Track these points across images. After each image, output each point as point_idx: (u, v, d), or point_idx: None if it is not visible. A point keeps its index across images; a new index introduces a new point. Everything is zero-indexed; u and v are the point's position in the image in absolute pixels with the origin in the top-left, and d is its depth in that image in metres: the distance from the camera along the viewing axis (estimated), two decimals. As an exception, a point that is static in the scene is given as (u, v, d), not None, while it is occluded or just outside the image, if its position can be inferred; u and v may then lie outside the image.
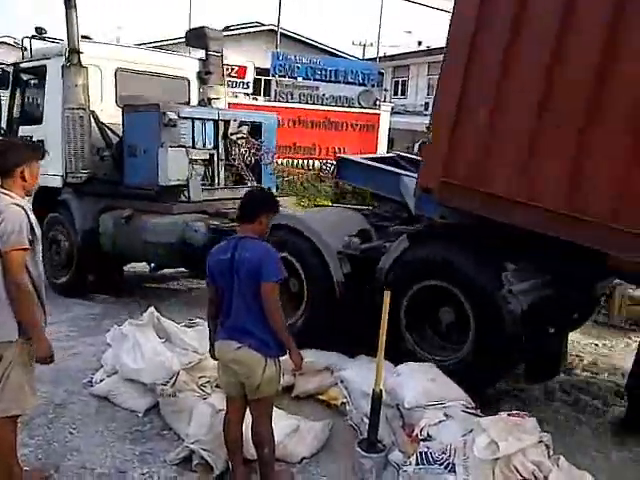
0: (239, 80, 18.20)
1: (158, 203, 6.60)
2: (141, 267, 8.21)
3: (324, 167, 12.15)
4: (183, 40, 8.68)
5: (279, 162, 11.67)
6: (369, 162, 5.94)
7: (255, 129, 7.41)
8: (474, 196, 4.12)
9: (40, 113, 7.40)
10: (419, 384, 3.69)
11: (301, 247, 5.18)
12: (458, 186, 4.20)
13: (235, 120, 7.16)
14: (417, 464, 3.17)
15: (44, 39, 7.40)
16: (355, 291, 4.97)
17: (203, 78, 7.91)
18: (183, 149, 6.46)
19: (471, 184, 4.13)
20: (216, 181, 6.94)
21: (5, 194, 3.02)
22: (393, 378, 3.89)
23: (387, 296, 3.51)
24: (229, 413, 3.49)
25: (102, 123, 6.94)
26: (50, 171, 6.77)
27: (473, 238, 4.41)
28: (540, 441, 3.04)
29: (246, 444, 3.53)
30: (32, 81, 7.66)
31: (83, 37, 6.88)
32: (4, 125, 7.84)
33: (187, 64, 8.02)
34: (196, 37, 8.08)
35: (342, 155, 7.00)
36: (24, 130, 7.52)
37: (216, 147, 6.91)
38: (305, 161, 16.13)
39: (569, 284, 4.25)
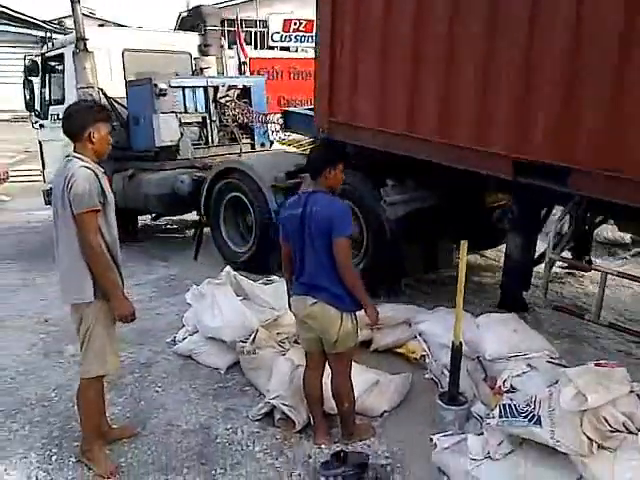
0: (308, 34, 17.89)
1: (155, 162, 7.66)
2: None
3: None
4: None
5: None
6: (305, 111, 6.74)
7: (245, 92, 8.39)
8: (351, 130, 5.30)
9: (62, 94, 8.50)
10: (500, 335, 3.56)
11: (248, 184, 6.53)
12: (340, 124, 5.39)
13: (223, 85, 8.15)
14: (500, 416, 3.05)
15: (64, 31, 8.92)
16: None
17: (203, 51, 9.06)
18: (173, 114, 7.55)
19: (347, 120, 5.31)
20: (210, 140, 8.01)
21: (78, 157, 3.06)
22: (473, 330, 3.76)
23: (464, 247, 3.36)
24: (308, 368, 3.50)
25: (111, 98, 7.86)
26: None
27: (363, 163, 5.43)
28: (631, 391, 2.85)
29: (327, 399, 3.54)
30: (56, 67, 8.71)
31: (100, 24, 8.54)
32: (38, 107, 9.12)
33: (188, 40, 9.10)
34: (195, 15, 9.43)
35: (285, 108, 7.89)
36: (52, 110, 8.74)
37: (207, 111, 7.93)
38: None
39: (449, 198, 5.11)
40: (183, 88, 7.70)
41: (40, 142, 9.42)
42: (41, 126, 9.14)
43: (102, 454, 3.37)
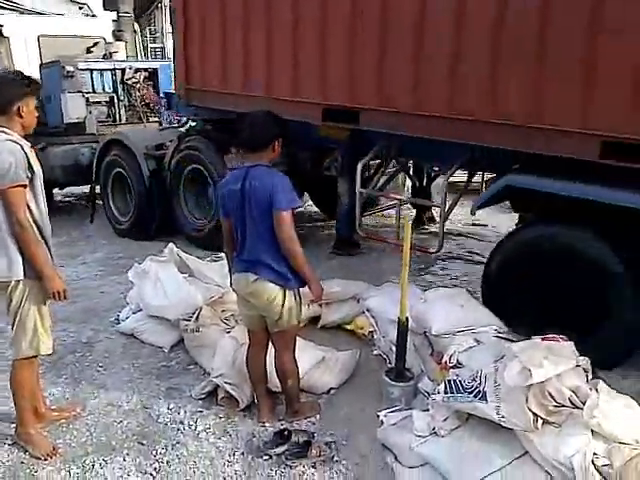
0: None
1: (65, 137, 8.33)
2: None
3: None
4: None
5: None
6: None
7: (152, 75, 8.95)
8: (202, 95, 6.27)
9: None
10: (447, 310, 3.52)
11: (125, 153, 7.28)
12: (194, 90, 6.33)
13: (130, 68, 8.69)
14: (446, 392, 3.02)
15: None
16: (159, 182, 7.05)
17: (117, 35, 10.11)
18: (80, 94, 8.27)
19: (199, 87, 6.25)
20: (117, 118, 8.67)
21: (2, 131, 2.88)
22: (420, 305, 3.72)
23: (407, 223, 3.31)
24: (251, 346, 3.40)
25: None
26: None
27: (212, 131, 6.65)
28: (577, 365, 2.85)
29: (271, 377, 3.46)
30: None
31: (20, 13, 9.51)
32: None
33: (102, 25, 10.22)
34: (109, 2, 10.95)
35: (166, 90, 8.33)
36: None
37: (115, 91, 8.60)
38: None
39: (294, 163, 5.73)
40: (91, 70, 8.42)
41: None
42: None
43: (39, 436, 3.22)
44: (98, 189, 8.02)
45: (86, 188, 8.91)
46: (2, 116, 2.92)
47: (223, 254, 4.77)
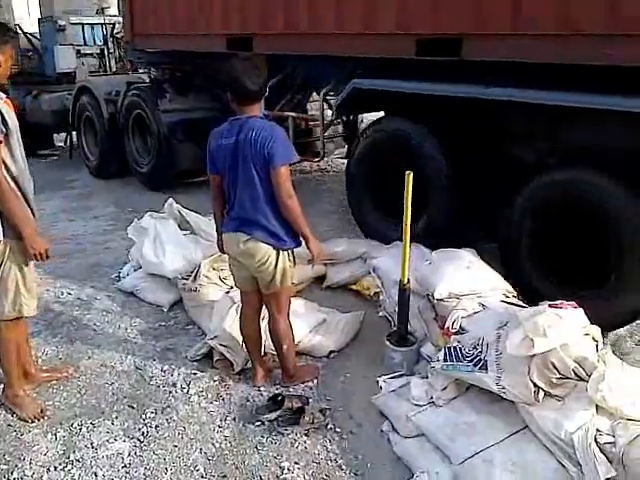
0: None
1: (57, 85, 9.16)
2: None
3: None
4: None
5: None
6: None
7: None
8: (153, 39, 7.02)
9: None
10: (451, 272, 3.31)
11: (91, 98, 8.14)
12: (141, 35, 7.10)
13: (119, 23, 8.94)
14: (445, 360, 2.86)
15: None
16: (117, 122, 7.80)
17: None
18: (71, 46, 9.01)
19: (145, 31, 7.04)
20: (107, 69, 9.34)
21: None
22: (424, 266, 3.53)
23: (409, 178, 3.08)
24: (244, 308, 3.26)
25: (27, 33, 9.40)
26: None
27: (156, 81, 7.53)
28: (586, 334, 2.65)
29: (266, 340, 3.33)
30: None
31: None
32: None
33: None
34: None
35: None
36: None
37: (105, 44, 9.28)
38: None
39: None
40: (82, 25, 9.15)
41: None
42: None
43: (26, 398, 3.16)
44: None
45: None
46: None
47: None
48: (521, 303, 3.26)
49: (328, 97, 5.58)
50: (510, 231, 3.93)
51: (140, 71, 8.64)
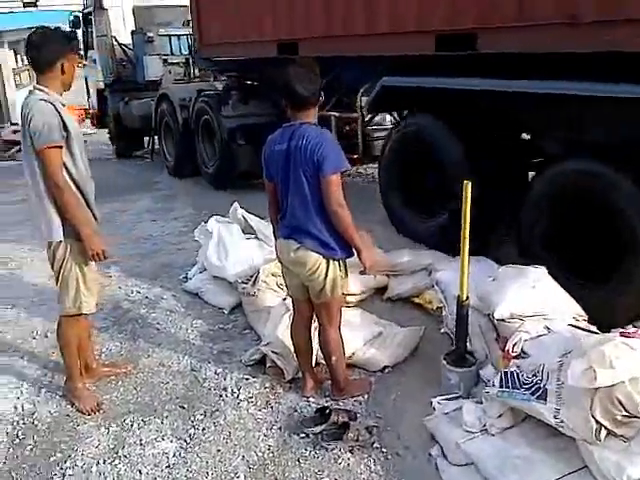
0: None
1: (145, 92, 10.09)
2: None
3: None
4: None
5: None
6: None
7: None
8: (217, 47, 7.50)
9: (92, 41, 11.24)
10: (515, 291, 3.11)
11: (169, 105, 8.90)
12: (207, 45, 7.63)
13: None
14: (501, 386, 2.68)
15: None
16: (190, 127, 8.44)
17: None
18: (158, 56, 9.89)
19: (209, 41, 7.54)
20: (191, 76, 9.85)
21: (39, 90, 2.84)
22: (488, 282, 3.34)
23: (467, 188, 2.92)
24: (296, 316, 3.22)
25: (122, 44, 10.37)
26: (99, 77, 11.21)
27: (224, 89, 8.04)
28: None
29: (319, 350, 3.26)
30: (90, 20, 11.18)
31: None
32: (82, 52, 11.60)
33: None
34: None
35: None
36: (90, 53, 11.59)
37: (190, 54, 9.52)
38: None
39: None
40: (170, 36, 9.94)
41: (85, 77, 12.24)
42: (84, 65, 11.96)
43: (85, 391, 3.26)
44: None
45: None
46: (44, 74, 2.87)
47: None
48: (592, 328, 3.02)
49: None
50: (525, 220, 4.02)
51: (221, 79, 8.93)
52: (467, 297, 3.14)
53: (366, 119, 5.71)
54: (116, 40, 10.36)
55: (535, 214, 3.93)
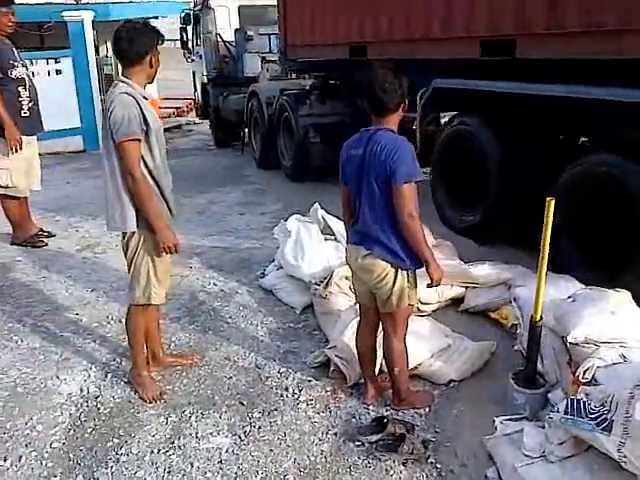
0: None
1: (242, 87, 10.28)
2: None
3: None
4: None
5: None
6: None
7: None
8: (300, 49, 8.05)
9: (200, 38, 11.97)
10: (593, 314, 2.92)
11: (257, 101, 9.40)
12: (292, 46, 8.20)
13: None
14: (566, 412, 2.52)
15: None
16: (273, 121, 8.96)
17: None
18: (257, 54, 10.31)
19: (293, 42, 8.13)
20: (288, 75, 10.02)
21: (124, 82, 2.94)
22: (566, 303, 3.17)
23: (550, 205, 2.76)
24: (362, 323, 3.18)
25: (226, 41, 10.87)
26: (204, 71, 11.93)
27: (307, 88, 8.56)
28: None
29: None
30: (199, 19, 11.79)
31: None
32: (190, 46, 12.64)
33: None
34: None
35: None
36: (196, 49, 12.28)
37: None
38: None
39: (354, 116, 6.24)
40: (269, 35, 10.22)
41: (193, 71, 13.08)
42: (192, 60, 12.71)
43: (149, 379, 3.36)
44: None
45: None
46: (133, 67, 2.96)
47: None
48: (676, 360, 2.79)
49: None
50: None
51: (310, 79, 9.27)
52: (541, 317, 2.99)
53: (427, 119, 5.88)
54: (220, 37, 10.88)
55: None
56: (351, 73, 6.67)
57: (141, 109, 2.88)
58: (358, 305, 3.33)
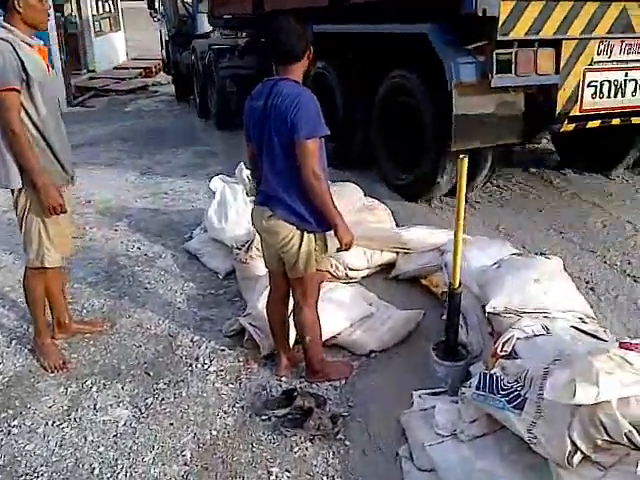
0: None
1: None
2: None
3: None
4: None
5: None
6: None
7: None
8: (222, 7, 8.92)
9: None
10: (514, 283, 2.76)
11: (195, 54, 10.23)
12: (217, 4, 9.10)
13: None
14: (478, 388, 2.36)
15: None
16: (206, 74, 9.63)
17: None
18: (207, 14, 10.24)
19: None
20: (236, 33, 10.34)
21: (3, 27, 2.64)
22: (492, 270, 3.00)
23: (463, 163, 2.57)
24: (272, 291, 2.96)
25: (185, 1, 11.31)
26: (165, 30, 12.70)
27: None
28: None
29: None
30: None
31: None
32: (157, 7, 13.06)
33: None
34: None
35: None
36: (161, 9, 12.76)
37: None
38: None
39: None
40: None
41: (160, 30, 13.48)
42: (158, 20, 13.14)
43: (51, 347, 3.14)
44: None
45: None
46: (6, 13, 2.67)
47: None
48: (602, 334, 2.63)
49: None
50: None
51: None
52: (460, 283, 2.81)
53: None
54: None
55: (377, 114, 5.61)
56: (263, 27, 7.40)
57: (19, 56, 2.56)
58: (267, 271, 3.10)
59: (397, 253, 3.91)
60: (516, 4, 4.00)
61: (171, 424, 2.69)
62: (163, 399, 2.85)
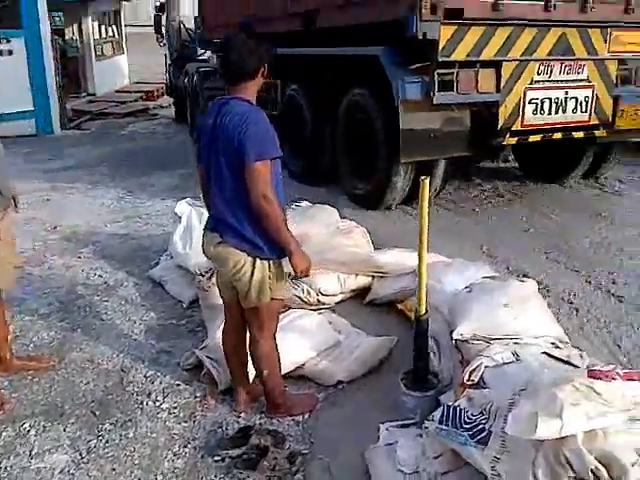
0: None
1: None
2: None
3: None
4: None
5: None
6: None
7: None
8: (213, 31, 8.99)
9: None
10: (483, 308, 2.56)
11: (187, 76, 10.77)
12: (209, 29, 9.36)
13: None
14: (441, 422, 2.16)
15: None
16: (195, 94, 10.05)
17: None
18: None
19: (211, 25, 9.20)
20: None
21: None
22: (462, 294, 2.80)
23: (425, 185, 2.40)
24: (226, 322, 2.76)
25: (187, 27, 11.70)
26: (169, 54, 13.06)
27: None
28: (631, 419, 1.82)
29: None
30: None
31: None
32: (163, 32, 13.41)
33: None
34: None
35: None
36: (166, 34, 13.32)
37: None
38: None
39: None
40: None
41: (165, 54, 13.65)
42: (164, 44, 13.43)
43: None
44: None
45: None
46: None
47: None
48: (575, 359, 2.41)
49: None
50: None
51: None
52: (426, 310, 2.61)
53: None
54: (183, 24, 11.83)
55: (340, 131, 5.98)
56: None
57: None
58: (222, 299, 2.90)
59: (373, 277, 3.71)
60: (457, 29, 4.31)
61: (113, 469, 2.47)
62: (107, 441, 2.62)
